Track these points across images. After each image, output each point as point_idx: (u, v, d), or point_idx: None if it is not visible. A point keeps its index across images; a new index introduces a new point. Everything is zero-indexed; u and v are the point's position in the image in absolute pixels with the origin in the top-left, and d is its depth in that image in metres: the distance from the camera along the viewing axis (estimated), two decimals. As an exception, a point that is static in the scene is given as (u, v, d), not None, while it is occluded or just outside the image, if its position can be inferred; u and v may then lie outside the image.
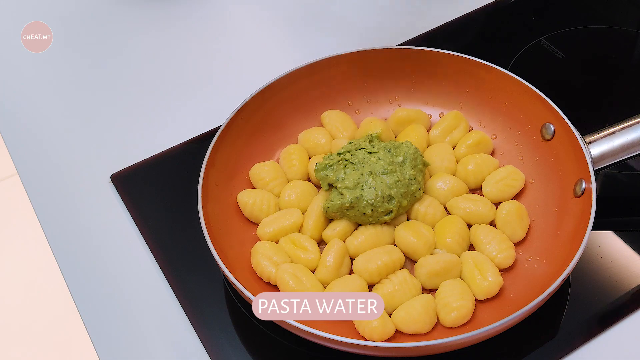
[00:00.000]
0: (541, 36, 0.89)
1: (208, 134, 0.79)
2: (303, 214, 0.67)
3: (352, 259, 0.64)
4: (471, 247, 0.66)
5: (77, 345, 1.44)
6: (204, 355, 0.62)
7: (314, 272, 0.63)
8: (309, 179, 0.72)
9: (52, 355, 1.49)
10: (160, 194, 0.75)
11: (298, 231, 0.67)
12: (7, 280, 1.63)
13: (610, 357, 0.60)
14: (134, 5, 0.99)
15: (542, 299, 0.55)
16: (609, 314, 0.62)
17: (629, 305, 0.63)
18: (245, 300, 0.59)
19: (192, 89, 0.87)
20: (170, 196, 0.74)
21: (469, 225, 0.66)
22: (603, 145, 0.65)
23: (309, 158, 0.73)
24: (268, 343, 0.62)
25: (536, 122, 0.71)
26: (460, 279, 0.62)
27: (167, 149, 0.79)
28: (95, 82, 0.89)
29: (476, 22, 0.94)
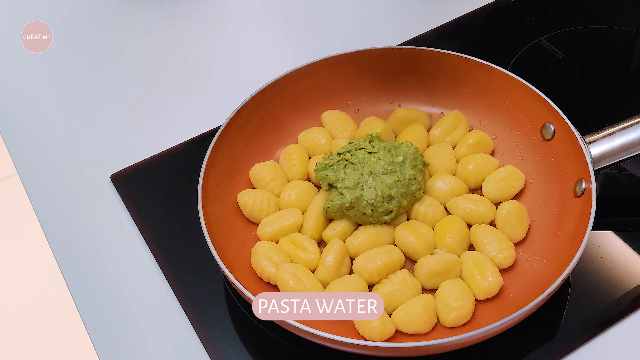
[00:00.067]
0: (541, 36, 0.89)
1: (208, 134, 0.79)
2: (303, 214, 0.67)
3: (352, 259, 0.64)
4: (471, 247, 0.66)
5: (77, 345, 1.44)
6: (204, 355, 0.62)
7: (314, 272, 0.63)
8: (309, 179, 0.72)
9: (52, 355, 1.49)
10: (160, 194, 0.75)
11: (298, 231, 0.67)
12: (7, 280, 1.63)
13: (610, 357, 0.60)
14: (134, 5, 0.99)
15: (542, 299, 0.55)
16: (609, 314, 0.62)
17: (629, 305, 0.63)
18: (245, 300, 0.59)
19: (192, 89, 0.87)
20: (170, 196, 0.74)
21: (469, 225, 0.66)
22: (603, 145, 0.65)
23: (309, 158, 0.73)
24: (268, 343, 0.62)
25: (536, 122, 0.71)
26: (460, 279, 0.62)
27: (167, 149, 0.79)
28: (95, 82, 0.89)
29: (476, 22, 0.94)
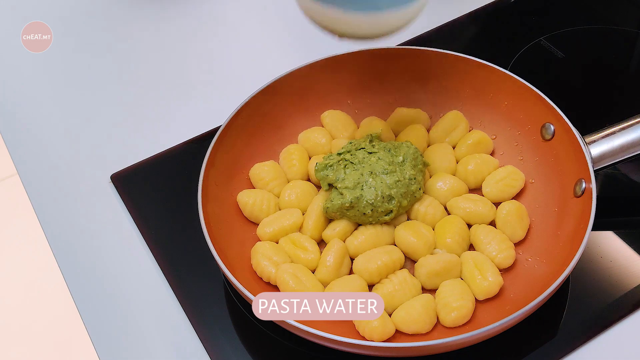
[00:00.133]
0: (541, 36, 0.89)
1: (208, 134, 0.79)
2: (303, 214, 0.67)
3: (352, 259, 0.64)
4: (471, 247, 0.66)
5: (77, 345, 1.44)
6: (204, 355, 0.62)
7: (314, 272, 0.63)
8: (309, 179, 0.72)
9: (52, 355, 1.49)
10: (160, 194, 0.75)
11: (298, 231, 0.67)
12: (7, 280, 1.63)
13: (610, 357, 0.60)
14: (134, 5, 0.99)
15: (542, 299, 0.55)
16: (609, 314, 0.62)
17: (629, 305, 0.63)
18: (245, 300, 0.59)
19: (192, 89, 0.87)
20: (170, 196, 0.74)
21: (469, 225, 0.66)
22: (603, 145, 0.65)
23: (309, 158, 0.73)
24: (268, 343, 0.62)
25: (536, 122, 0.71)
26: (460, 279, 0.62)
27: (167, 149, 0.79)
28: (95, 82, 0.89)
29: (476, 22, 0.93)
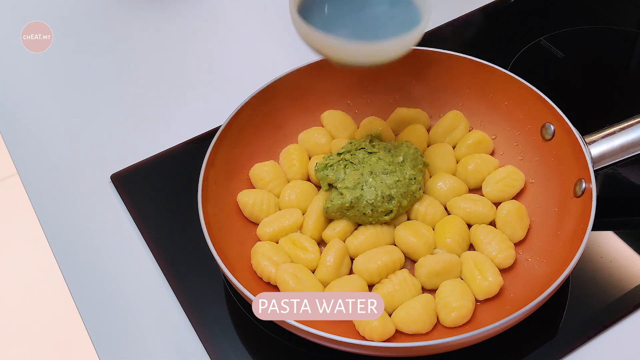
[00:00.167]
0: (541, 36, 0.89)
1: (208, 134, 0.79)
2: (303, 214, 0.67)
3: (352, 259, 0.64)
4: (471, 247, 0.66)
5: (77, 345, 1.44)
6: (204, 355, 0.62)
7: (314, 272, 0.63)
8: (309, 179, 0.72)
9: (52, 355, 1.49)
10: (160, 194, 0.75)
11: (298, 231, 0.67)
12: (7, 280, 1.63)
13: (610, 357, 0.60)
14: (133, 5, 0.99)
15: (542, 299, 0.55)
16: (609, 314, 0.62)
17: (629, 305, 0.63)
18: (245, 300, 0.59)
19: (192, 89, 0.87)
20: (170, 196, 0.74)
21: (469, 225, 0.66)
22: (603, 145, 0.65)
23: (309, 158, 0.73)
24: (268, 343, 0.62)
25: (536, 122, 0.71)
26: (460, 279, 0.62)
27: (167, 149, 0.79)
28: (95, 82, 0.89)
29: (476, 22, 0.93)
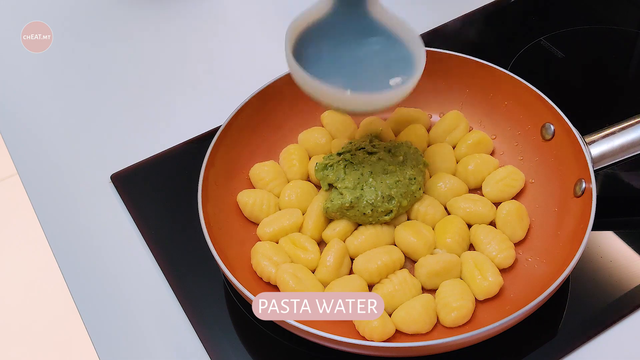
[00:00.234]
0: (541, 36, 0.89)
1: (208, 134, 0.79)
2: (303, 214, 0.67)
3: (352, 259, 0.64)
4: (471, 247, 0.66)
5: (77, 345, 1.44)
6: (204, 355, 0.62)
7: (314, 272, 0.63)
8: (309, 179, 0.72)
9: (52, 355, 1.49)
10: (160, 194, 0.75)
11: (298, 231, 0.67)
12: (7, 280, 1.63)
13: (610, 357, 0.60)
14: (134, 5, 0.99)
15: (542, 299, 0.55)
16: (609, 314, 0.62)
17: (629, 305, 0.63)
18: (245, 300, 0.59)
19: (192, 89, 0.87)
20: (170, 196, 0.74)
21: (469, 225, 0.66)
22: (603, 145, 0.65)
23: (309, 158, 0.73)
24: (268, 343, 0.62)
25: (536, 122, 0.71)
26: (460, 279, 0.62)
27: (167, 149, 0.79)
28: (95, 82, 0.89)
29: (476, 22, 0.93)
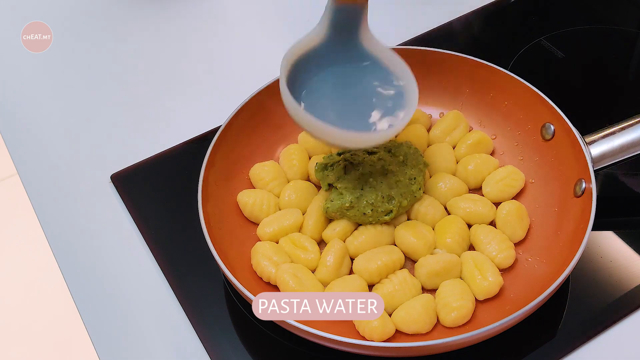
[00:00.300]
0: (541, 36, 0.89)
1: (208, 134, 0.79)
2: (303, 214, 0.67)
3: (352, 259, 0.64)
4: (471, 247, 0.66)
5: (77, 345, 1.44)
6: (204, 355, 0.62)
7: (314, 272, 0.63)
8: (309, 179, 0.72)
9: (52, 355, 1.49)
10: (160, 194, 0.75)
11: (298, 231, 0.67)
12: (7, 280, 1.63)
13: (610, 357, 0.60)
14: (133, 5, 0.99)
15: (542, 299, 0.55)
16: (609, 314, 0.62)
17: (629, 305, 0.62)
18: (245, 300, 0.59)
19: (191, 88, 0.87)
20: (170, 196, 0.74)
21: (469, 225, 0.66)
22: (603, 145, 0.65)
23: (309, 158, 0.73)
24: (268, 343, 0.62)
25: (536, 122, 0.71)
26: (460, 279, 0.62)
27: (167, 149, 0.79)
28: (95, 82, 0.89)
29: (476, 22, 0.93)
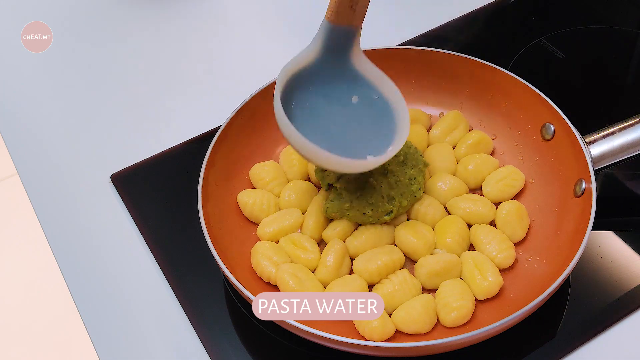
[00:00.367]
0: (541, 36, 0.89)
1: (208, 134, 0.79)
2: (303, 214, 0.67)
3: (352, 259, 0.64)
4: (471, 247, 0.66)
5: (77, 345, 1.44)
6: (204, 355, 0.62)
7: (314, 272, 0.63)
8: (309, 179, 0.72)
9: (52, 355, 1.49)
10: (160, 194, 0.75)
11: (298, 231, 0.67)
12: (7, 280, 1.63)
13: (610, 357, 0.60)
14: (133, 5, 0.99)
15: (542, 299, 0.55)
16: (609, 314, 0.62)
17: (629, 305, 0.62)
18: (245, 300, 0.59)
19: (192, 88, 0.87)
20: (170, 196, 0.74)
21: (469, 225, 0.66)
22: (603, 145, 0.65)
23: (309, 158, 0.73)
24: (268, 343, 0.62)
25: (536, 122, 0.71)
26: (460, 279, 0.62)
27: (167, 149, 0.79)
28: (95, 82, 0.89)
29: (476, 22, 0.93)
